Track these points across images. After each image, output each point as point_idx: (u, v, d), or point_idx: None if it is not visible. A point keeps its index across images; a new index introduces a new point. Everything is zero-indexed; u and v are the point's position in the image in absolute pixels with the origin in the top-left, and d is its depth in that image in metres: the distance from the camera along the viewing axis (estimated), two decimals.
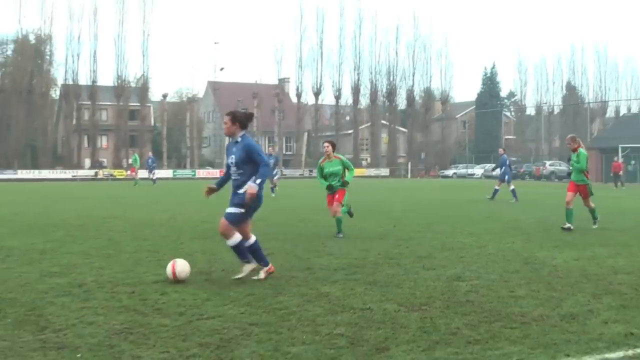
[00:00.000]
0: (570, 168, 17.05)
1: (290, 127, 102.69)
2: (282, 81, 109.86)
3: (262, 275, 9.22)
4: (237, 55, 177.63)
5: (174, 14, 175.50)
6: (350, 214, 16.26)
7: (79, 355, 5.65)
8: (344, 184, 15.03)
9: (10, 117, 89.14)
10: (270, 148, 37.51)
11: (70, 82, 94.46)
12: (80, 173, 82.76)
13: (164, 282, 8.90)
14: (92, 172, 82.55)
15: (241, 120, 9.20)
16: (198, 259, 11.06)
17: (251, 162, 9.07)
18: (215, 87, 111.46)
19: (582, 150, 16.51)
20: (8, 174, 78.03)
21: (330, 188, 15.06)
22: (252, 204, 9.16)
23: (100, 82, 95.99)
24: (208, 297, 7.93)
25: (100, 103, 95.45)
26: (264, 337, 6.17)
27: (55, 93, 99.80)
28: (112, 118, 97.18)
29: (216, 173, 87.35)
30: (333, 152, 15.13)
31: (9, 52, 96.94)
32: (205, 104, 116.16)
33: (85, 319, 6.87)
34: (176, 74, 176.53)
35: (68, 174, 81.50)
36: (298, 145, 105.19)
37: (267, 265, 9.36)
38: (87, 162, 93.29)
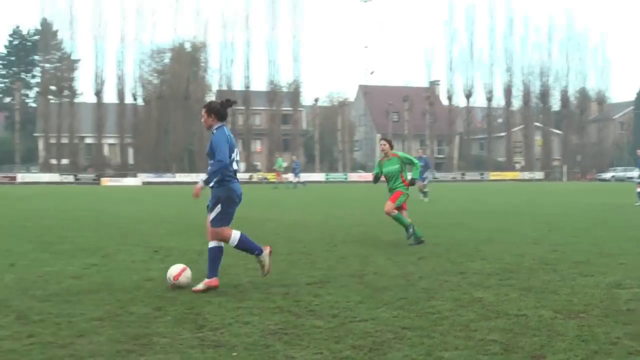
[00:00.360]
0: None
1: (441, 130, 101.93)
2: (433, 84, 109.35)
3: (200, 286, 8.57)
4: (388, 59, 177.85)
5: (324, 18, 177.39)
6: (409, 235, 13.61)
7: (234, 354, 5.77)
8: (412, 182, 13.93)
9: (169, 122, 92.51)
10: (420, 150, 37.04)
11: (225, 88, 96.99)
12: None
13: (317, 284, 8.99)
14: (246, 176, 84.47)
15: (217, 111, 8.64)
16: (351, 262, 11.11)
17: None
18: (365, 91, 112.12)
19: None
20: (167, 177, 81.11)
21: (376, 179, 14.36)
22: (228, 203, 8.64)
23: (254, 88, 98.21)
24: (361, 300, 7.94)
25: (254, 108, 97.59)
26: (417, 342, 6.12)
27: (211, 98, 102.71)
28: (265, 122, 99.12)
29: (368, 176, 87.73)
30: (391, 149, 14.14)
31: (167, 60, 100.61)
32: (356, 107, 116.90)
33: (241, 319, 7.02)
34: (327, 78, 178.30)
35: None
36: (450, 149, 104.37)
37: (212, 276, 8.66)
38: (242, 165, 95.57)
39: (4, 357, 5.67)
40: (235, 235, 8.77)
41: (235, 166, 8.68)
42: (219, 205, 8.65)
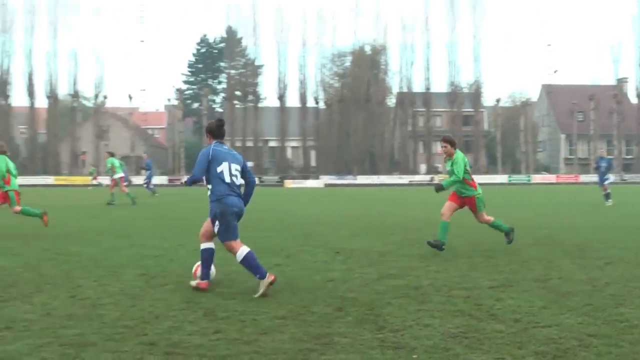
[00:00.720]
0: None
1: (630, 130, 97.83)
2: (621, 81, 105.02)
3: (193, 283, 9.01)
4: (572, 57, 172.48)
5: (505, 16, 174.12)
6: (437, 244, 12.37)
7: (414, 357, 5.77)
8: (437, 187, 12.68)
9: (350, 125, 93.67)
10: (602, 150, 35.43)
11: (405, 90, 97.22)
12: (417, 178, 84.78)
13: (499, 288, 8.83)
14: (427, 178, 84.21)
15: (210, 129, 9.06)
16: (534, 266, 10.85)
17: (208, 172, 8.83)
18: (549, 90, 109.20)
19: None
20: (348, 179, 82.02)
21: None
22: (223, 217, 8.72)
23: (434, 89, 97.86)
24: (544, 305, 7.74)
25: (435, 109, 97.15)
26: (603, 350, 5.90)
27: (391, 101, 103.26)
28: (446, 124, 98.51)
29: (552, 178, 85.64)
30: (453, 149, 12.67)
31: (347, 64, 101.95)
32: (539, 107, 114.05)
33: (421, 321, 7.00)
34: (509, 78, 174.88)
35: (404, 179, 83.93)
36: (639, 149, 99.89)
37: (205, 279, 8.96)
38: (423, 167, 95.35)
39: (193, 351, 5.92)
40: (242, 250, 8.78)
41: (228, 179, 8.79)
42: (217, 221, 8.83)
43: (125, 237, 15.49)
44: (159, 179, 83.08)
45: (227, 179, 8.77)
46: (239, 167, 8.95)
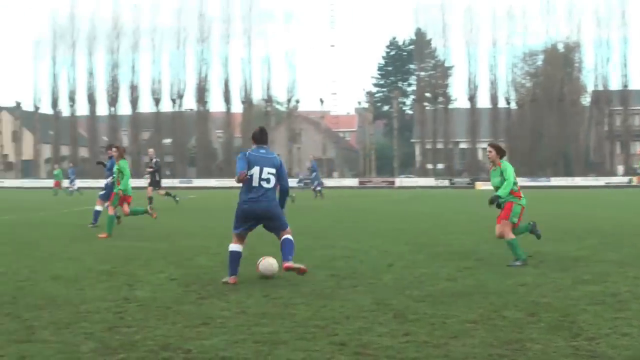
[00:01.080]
0: None
1: None
2: None
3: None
4: None
5: None
6: (536, 234, 12.42)
7: None
8: (492, 200, 11.58)
9: (543, 125, 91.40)
10: None
11: (600, 88, 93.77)
12: (614, 180, 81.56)
13: None
14: (625, 179, 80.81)
15: (253, 135, 10.22)
16: None
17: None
18: None
19: None
20: (541, 182, 79.96)
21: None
22: (237, 215, 9.80)
23: (632, 86, 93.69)
24: None
25: (633, 108, 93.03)
26: None
27: (586, 100, 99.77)
28: None
29: None
30: (499, 157, 11.78)
31: (539, 63, 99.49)
32: None
33: (619, 330, 6.73)
34: None
35: (600, 181, 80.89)
36: None
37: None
38: (620, 169, 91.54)
39: (382, 353, 5.96)
40: (232, 247, 9.81)
41: (256, 183, 9.69)
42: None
43: (316, 238, 15.81)
44: (350, 181, 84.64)
45: (255, 183, 9.69)
46: (273, 170, 9.85)
